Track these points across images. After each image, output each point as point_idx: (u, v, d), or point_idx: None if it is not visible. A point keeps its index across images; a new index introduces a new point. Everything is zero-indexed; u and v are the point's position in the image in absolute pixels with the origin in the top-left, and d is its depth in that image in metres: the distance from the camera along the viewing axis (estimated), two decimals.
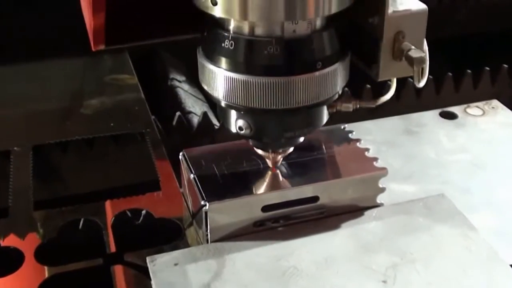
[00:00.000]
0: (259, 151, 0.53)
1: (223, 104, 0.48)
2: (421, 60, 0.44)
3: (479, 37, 0.99)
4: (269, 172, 0.54)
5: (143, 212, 0.58)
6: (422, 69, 0.45)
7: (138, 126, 0.70)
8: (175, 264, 0.50)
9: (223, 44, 0.45)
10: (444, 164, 0.64)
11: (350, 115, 0.55)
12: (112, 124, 0.71)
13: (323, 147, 0.57)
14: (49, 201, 0.62)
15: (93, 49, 0.49)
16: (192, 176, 0.53)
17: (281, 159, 0.53)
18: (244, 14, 0.43)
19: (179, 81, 0.90)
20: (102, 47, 0.49)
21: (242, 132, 0.49)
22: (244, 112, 0.47)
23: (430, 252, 0.51)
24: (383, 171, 0.54)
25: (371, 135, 0.68)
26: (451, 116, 0.72)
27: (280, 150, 0.52)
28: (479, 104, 0.75)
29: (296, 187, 0.53)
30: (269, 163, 0.53)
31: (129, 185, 0.64)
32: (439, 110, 0.73)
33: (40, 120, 0.73)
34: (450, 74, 0.81)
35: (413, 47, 0.45)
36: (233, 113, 0.49)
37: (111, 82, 0.80)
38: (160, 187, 0.61)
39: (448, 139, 0.68)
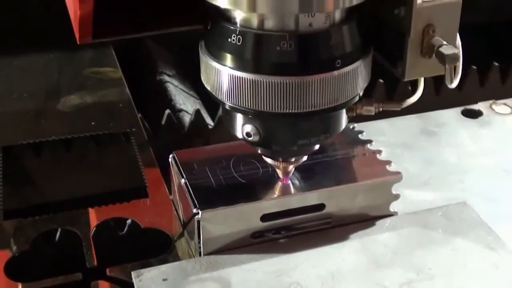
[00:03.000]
0: (268, 160, 0.53)
1: (228, 106, 0.48)
2: (455, 58, 0.44)
3: (507, 26, 0.99)
4: (270, 177, 0.55)
5: (128, 221, 0.59)
6: (455, 67, 0.45)
7: (122, 125, 0.71)
8: (164, 280, 0.50)
9: (229, 39, 0.45)
10: (467, 169, 0.65)
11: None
12: (93, 123, 0.71)
13: (330, 149, 0.58)
14: (21, 209, 0.62)
15: (78, 42, 0.49)
16: (183, 181, 0.54)
17: (293, 169, 0.53)
18: (253, 6, 0.43)
19: (169, 75, 0.90)
20: (89, 40, 0.49)
21: (250, 138, 0.49)
22: (252, 116, 0.48)
23: (450, 268, 0.51)
24: (397, 176, 0.55)
25: (384, 136, 0.68)
26: (475, 115, 0.73)
27: (292, 159, 0.52)
28: (507, 101, 0.75)
29: (300, 194, 0.53)
30: (279, 173, 0.54)
31: (113, 191, 0.64)
32: (461, 108, 0.73)
33: (11, 118, 0.74)
34: (474, 67, 0.82)
35: (445, 42, 0.45)
36: (240, 117, 0.49)
37: (92, 76, 0.81)
38: (148, 193, 0.62)
39: (471, 140, 0.69)
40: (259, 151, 0.52)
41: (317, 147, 0.52)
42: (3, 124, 0.72)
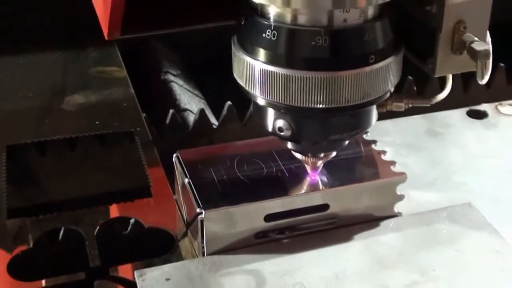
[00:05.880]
0: (297, 155, 0.53)
1: (260, 101, 0.48)
2: (486, 54, 0.44)
3: None
4: (274, 177, 0.54)
5: (132, 221, 0.59)
6: (485, 63, 0.45)
7: (126, 125, 0.71)
8: (167, 279, 0.50)
9: (263, 34, 0.45)
10: (472, 170, 0.65)
11: None
12: (97, 122, 0.71)
13: None
14: (24, 208, 0.62)
15: (106, 38, 0.49)
16: (186, 180, 0.54)
17: (322, 165, 0.53)
18: (288, 1, 0.43)
19: (174, 75, 0.90)
20: (117, 36, 0.48)
21: (282, 133, 0.49)
22: (285, 110, 0.48)
23: (454, 270, 0.51)
24: (402, 177, 0.55)
25: (389, 136, 0.68)
26: (481, 116, 0.73)
27: (322, 155, 0.52)
28: None
29: (304, 194, 0.53)
30: (308, 169, 0.54)
31: (116, 191, 0.64)
32: (467, 109, 0.73)
33: (15, 117, 0.74)
34: None
35: (476, 38, 0.45)
36: (271, 112, 0.49)
37: (97, 75, 0.81)
38: (151, 193, 0.62)
39: (477, 141, 0.69)
40: (289, 146, 0.52)
41: (346, 143, 0.52)
42: (8, 123, 0.73)
